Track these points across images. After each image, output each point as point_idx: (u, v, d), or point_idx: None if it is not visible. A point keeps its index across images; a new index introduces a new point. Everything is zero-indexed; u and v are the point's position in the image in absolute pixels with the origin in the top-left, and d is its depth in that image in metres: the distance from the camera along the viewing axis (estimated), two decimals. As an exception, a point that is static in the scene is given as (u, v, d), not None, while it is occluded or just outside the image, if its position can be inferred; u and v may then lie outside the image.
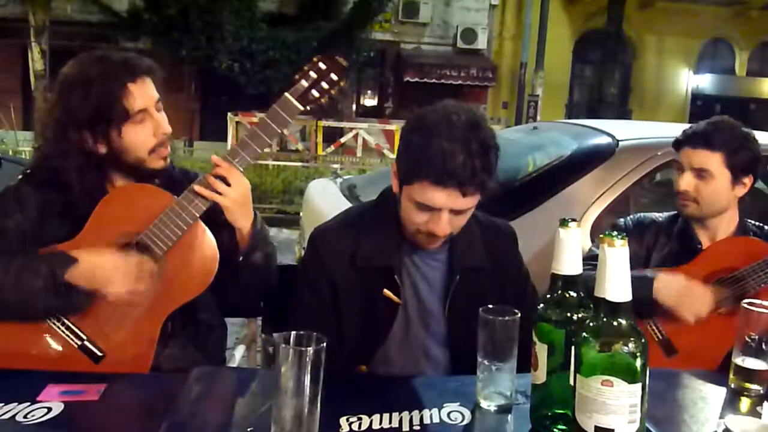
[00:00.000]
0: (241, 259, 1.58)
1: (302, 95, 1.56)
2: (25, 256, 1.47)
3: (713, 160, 1.88)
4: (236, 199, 1.52)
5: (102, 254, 1.46)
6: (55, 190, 1.54)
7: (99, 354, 1.48)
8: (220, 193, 1.51)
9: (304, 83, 1.56)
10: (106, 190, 1.57)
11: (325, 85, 1.57)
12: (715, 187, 1.89)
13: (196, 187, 1.51)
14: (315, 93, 1.57)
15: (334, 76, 1.58)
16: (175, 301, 1.53)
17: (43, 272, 1.42)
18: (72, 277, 1.43)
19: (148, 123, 1.54)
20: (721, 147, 1.87)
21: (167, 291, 1.52)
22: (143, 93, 1.53)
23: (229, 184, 1.51)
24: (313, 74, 1.57)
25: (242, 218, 1.55)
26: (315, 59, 1.59)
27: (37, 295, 1.41)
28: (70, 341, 1.48)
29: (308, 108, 1.58)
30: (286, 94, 1.55)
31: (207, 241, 1.54)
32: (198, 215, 1.51)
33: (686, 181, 1.91)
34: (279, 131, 1.55)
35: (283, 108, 1.55)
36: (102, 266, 1.45)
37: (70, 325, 1.48)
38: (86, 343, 1.48)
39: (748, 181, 1.92)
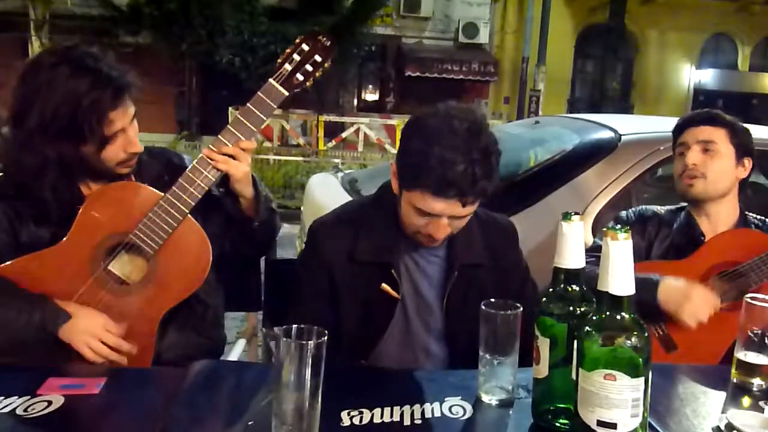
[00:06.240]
0: (256, 224, 1.62)
1: (286, 80, 1.54)
2: (12, 296, 1.41)
3: (719, 135, 1.94)
4: (246, 170, 1.55)
5: (93, 316, 1.44)
6: (25, 200, 1.49)
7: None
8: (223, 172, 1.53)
9: (288, 67, 1.54)
10: (79, 193, 1.53)
11: (309, 67, 1.55)
12: (721, 162, 1.92)
13: (216, 164, 1.51)
14: (300, 77, 1.54)
15: (318, 58, 1.55)
16: (172, 299, 1.52)
17: (35, 322, 1.38)
18: (63, 333, 1.41)
19: (120, 140, 1.49)
20: (724, 124, 1.95)
21: (162, 290, 1.51)
22: (123, 114, 1.48)
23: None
24: (296, 57, 1.54)
25: (248, 186, 1.59)
26: (298, 40, 1.55)
27: (26, 341, 1.38)
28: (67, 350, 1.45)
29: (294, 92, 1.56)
30: (271, 80, 1.53)
31: (198, 235, 1.53)
32: (188, 211, 1.49)
33: (694, 156, 1.93)
34: (264, 119, 1.54)
35: (267, 94, 1.53)
36: (92, 325, 1.43)
37: None
38: None
39: (747, 163, 1.97)
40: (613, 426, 1.01)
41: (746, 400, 1.34)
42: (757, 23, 17.70)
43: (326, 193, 3.35)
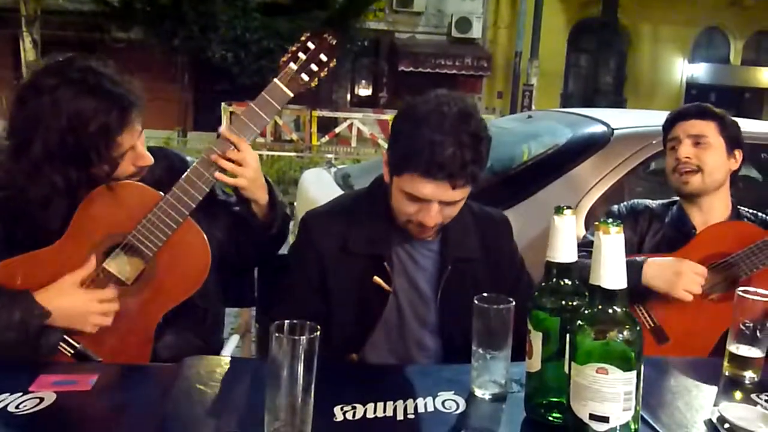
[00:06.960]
0: (274, 231, 1.60)
1: (292, 80, 1.51)
2: None
3: (709, 128, 1.95)
4: (253, 176, 1.52)
5: (71, 296, 1.40)
6: (23, 223, 1.45)
7: (96, 360, 1.45)
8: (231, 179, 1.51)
9: (293, 66, 1.51)
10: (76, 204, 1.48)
11: (314, 67, 1.52)
12: (713, 154, 1.93)
13: (218, 174, 1.47)
14: (305, 77, 1.52)
15: (323, 57, 1.52)
16: (169, 302, 1.50)
17: (15, 322, 1.34)
18: (60, 324, 1.39)
19: (129, 157, 1.46)
20: (714, 117, 1.97)
21: (160, 293, 1.49)
22: (130, 135, 1.43)
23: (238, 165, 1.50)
24: (301, 55, 1.51)
25: (259, 190, 1.55)
26: (303, 38, 1.52)
27: (10, 345, 1.35)
28: (64, 351, 1.44)
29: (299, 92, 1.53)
30: (276, 80, 1.50)
31: (198, 237, 1.50)
32: (188, 213, 1.46)
33: (686, 150, 1.94)
34: (267, 120, 1.51)
35: (272, 95, 1.50)
36: (73, 308, 1.40)
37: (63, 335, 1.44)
38: (80, 350, 1.44)
39: (738, 155, 1.98)
40: (606, 419, 1.01)
41: (738, 393, 1.35)
42: (749, 17, 17.74)
43: (319, 189, 3.35)
